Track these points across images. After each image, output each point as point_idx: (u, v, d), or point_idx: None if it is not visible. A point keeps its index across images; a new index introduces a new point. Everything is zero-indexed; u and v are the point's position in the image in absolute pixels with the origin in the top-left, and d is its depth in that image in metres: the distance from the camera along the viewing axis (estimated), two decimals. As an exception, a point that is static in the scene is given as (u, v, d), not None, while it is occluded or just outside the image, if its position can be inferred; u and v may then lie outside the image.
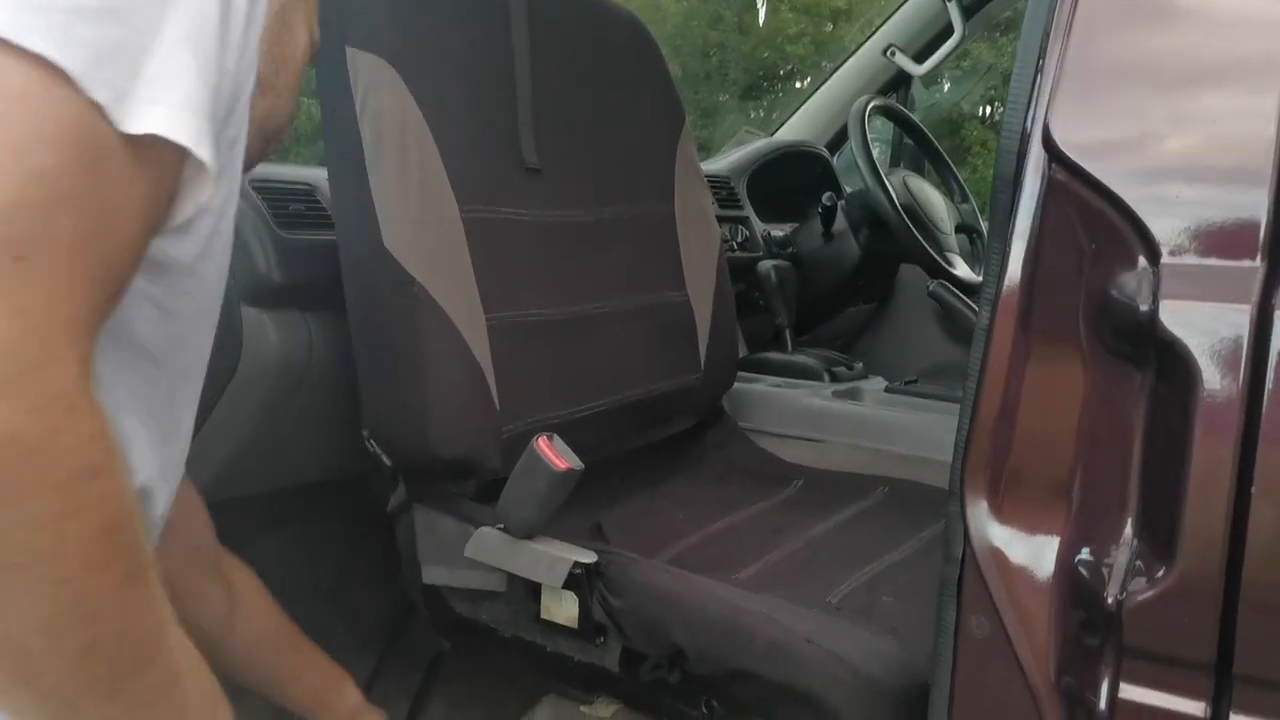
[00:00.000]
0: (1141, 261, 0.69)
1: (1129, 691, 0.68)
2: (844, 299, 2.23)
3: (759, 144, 2.32)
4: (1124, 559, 0.69)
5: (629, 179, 1.47)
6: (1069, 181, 0.71)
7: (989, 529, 0.74)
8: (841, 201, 2.12)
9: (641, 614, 1.04)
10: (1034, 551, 0.73)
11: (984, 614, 0.74)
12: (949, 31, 2.27)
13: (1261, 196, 0.65)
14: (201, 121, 0.57)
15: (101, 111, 0.52)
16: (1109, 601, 0.68)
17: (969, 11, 2.26)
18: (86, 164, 0.52)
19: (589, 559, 1.05)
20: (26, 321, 0.48)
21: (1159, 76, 0.72)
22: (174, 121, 0.55)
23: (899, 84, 2.44)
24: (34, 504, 0.49)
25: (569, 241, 1.35)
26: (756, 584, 1.13)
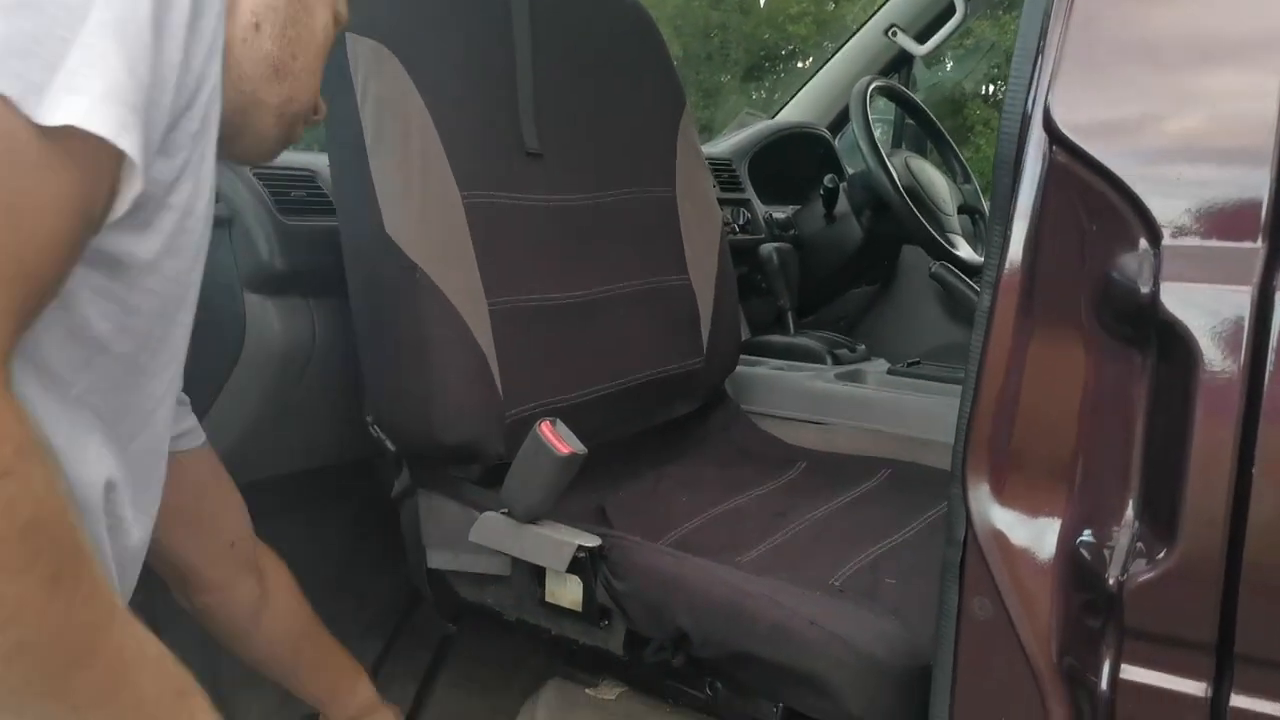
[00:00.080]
0: (1143, 243, 0.68)
1: (1130, 672, 0.69)
2: (846, 281, 2.23)
3: (760, 126, 2.31)
4: (1125, 540, 0.70)
5: (630, 163, 1.47)
6: (1070, 163, 0.71)
7: (991, 511, 0.74)
8: (843, 183, 2.11)
9: (645, 597, 1.04)
10: (1035, 533, 0.73)
11: (986, 595, 0.74)
12: (951, 10, 2.26)
13: (1263, 177, 0.65)
14: (126, 112, 0.54)
15: (10, 104, 0.50)
16: (1110, 583, 0.68)
17: (971, -10, 2.24)
18: None
19: (593, 543, 1.06)
20: None
21: (1160, 57, 0.72)
22: (93, 112, 0.52)
23: (901, 64, 2.43)
24: None
25: (571, 226, 1.35)
26: (760, 566, 1.13)
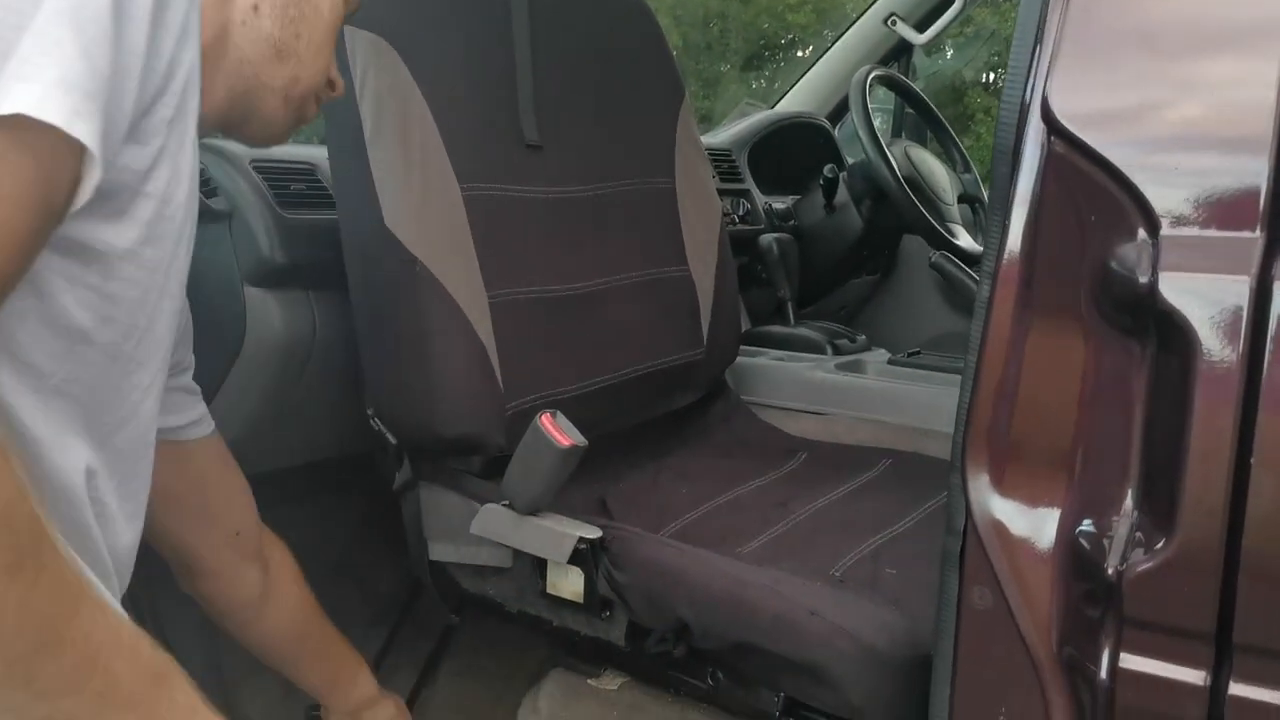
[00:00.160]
0: (1141, 233, 0.68)
1: (1130, 661, 0.69)
2: (846, 271, 2.22)
3: (760, 116, 2.31)
4: (1124, 530, 0.70)
5: (630, 155, 1.47)
6: (1068, 153, 0.70)
7: (990, 501, 0.75)
8: (843, 173, 2.11)
9: (646, 588, 1.05)
10: (1035, 523, 0.73)
11: (986, 585, 0.75)
12: (950, -1, 2.25)
13: (1261, 166, 0.65)
14: (81, 100, 0.53)
15: None
16: (1109, 572, 0.69)
17: (970, -22, 2.24)
18: None
19: (594, 534, 1.06)
20: None
21: (1157, 45, 0.71)
22: (46, 100, 0.51)
23: (901, 53, 2.42)
24: None
25: (570, 218, 1.35)
26: (760, 557, 1.14)
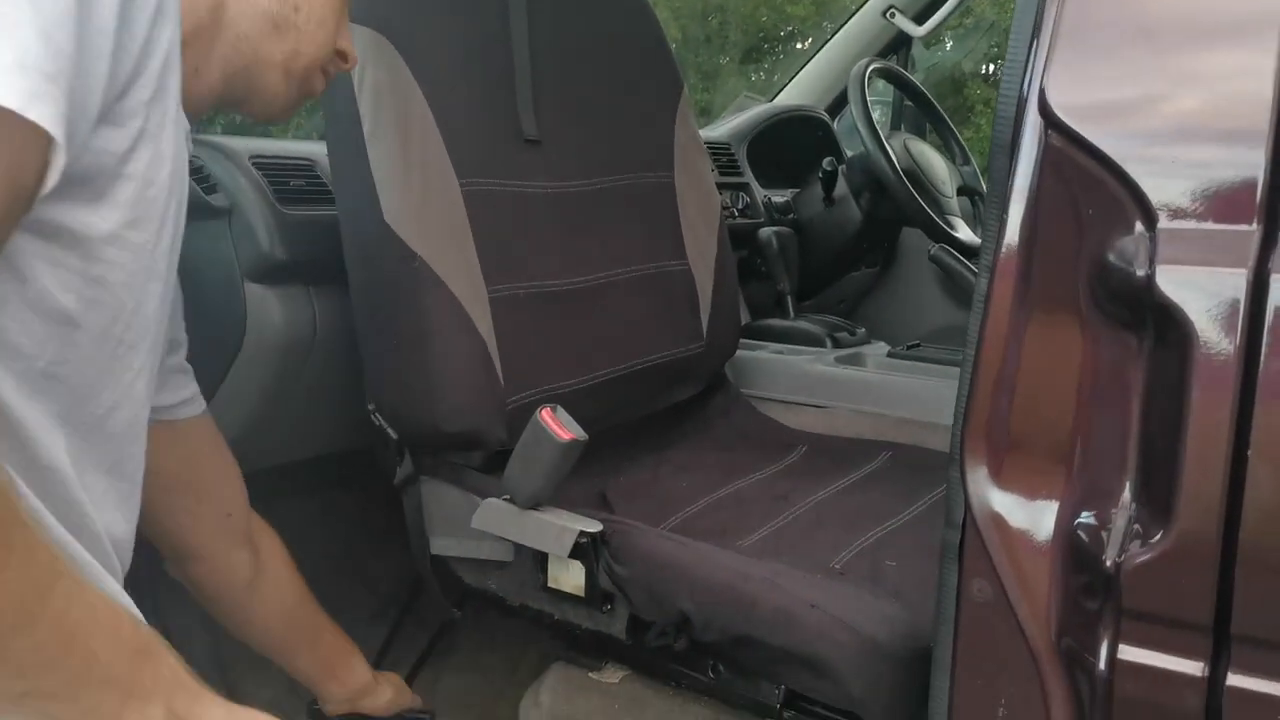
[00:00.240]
0: (1138, 226, 0.69)
1: (1128, 652, 0.69)
2: (846, 264, 2.23)
3: (758, 109, 2.31)
4: (1122, 522, 0.70)
5: (628, 149, 1.47)
6: (1065, 147, 0.71)
7: (989, 494, 0.75)
8: (842, 166, 2.11)
9: (647, 582, 1.05)
10: (1034, 515, 0.74)
11: (985, 578, 0.75)
12: (949, -10, 2.25)
13: (1259, 159, 0.65)
14: (40, 82, 0.52)
15: None
16: (1108, 564, 0.69)
17: (969, -29, 2.24)
18: None
19: (594, 528, 1.06)
20: None
21: (1154, 38, 0.71)
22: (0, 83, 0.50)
23: (899, 45, 2.42)
24: None
25: (569, 212, 1.35)
26: (761, 550, 1.14)
